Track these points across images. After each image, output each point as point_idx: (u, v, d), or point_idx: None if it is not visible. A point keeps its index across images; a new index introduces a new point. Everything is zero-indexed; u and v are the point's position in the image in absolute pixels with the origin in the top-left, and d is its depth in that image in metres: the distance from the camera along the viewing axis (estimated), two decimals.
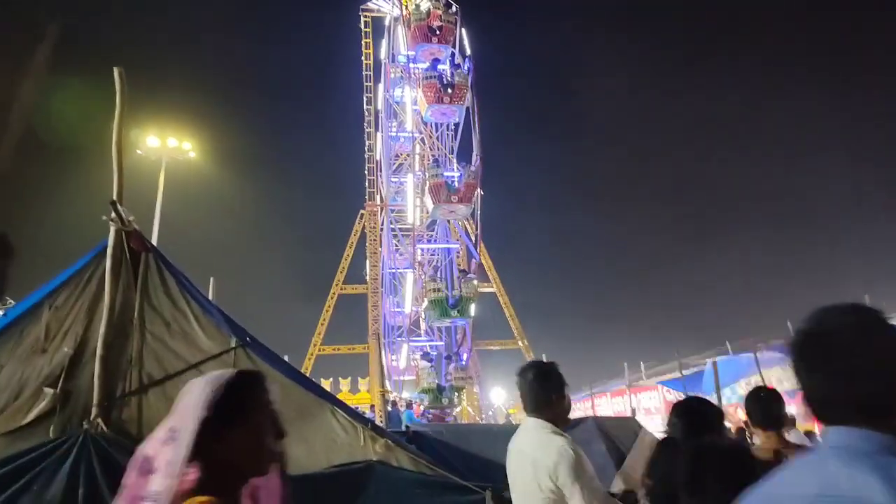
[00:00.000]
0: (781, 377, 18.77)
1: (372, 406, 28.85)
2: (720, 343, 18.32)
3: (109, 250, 4.03)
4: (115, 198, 4.00)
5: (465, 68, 30.59)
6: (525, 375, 3.20)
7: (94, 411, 3.76)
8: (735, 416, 19.70)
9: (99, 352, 3.84)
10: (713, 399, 16.92)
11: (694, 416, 2.90)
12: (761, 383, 16.72)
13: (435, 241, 35.80)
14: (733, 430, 14.01)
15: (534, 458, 2.92)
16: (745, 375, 19.03)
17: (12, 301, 4.98)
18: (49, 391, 3.77)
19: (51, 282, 4.10)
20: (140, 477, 1.54)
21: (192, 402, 1.62)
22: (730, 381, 18.73)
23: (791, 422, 10.45)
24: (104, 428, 3.71)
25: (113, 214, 4.00)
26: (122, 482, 1.57)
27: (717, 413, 3.05)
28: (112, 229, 4.04)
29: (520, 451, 3.12)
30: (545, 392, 3.13)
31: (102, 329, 3.89)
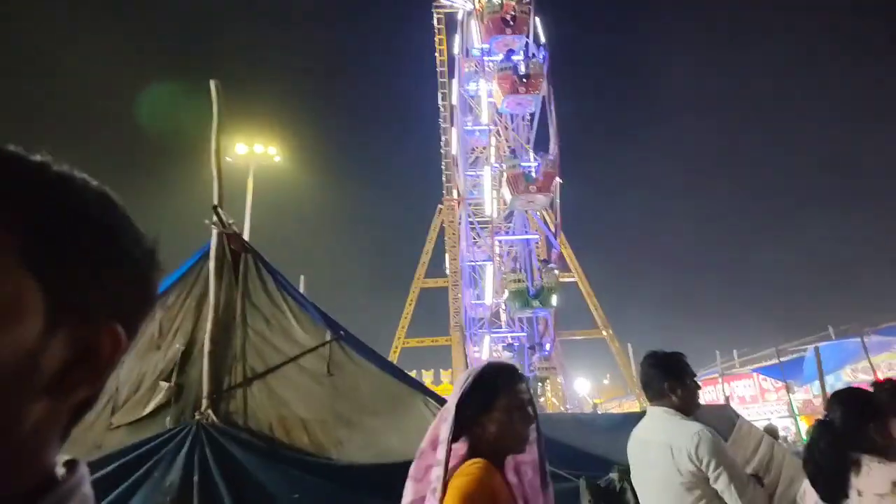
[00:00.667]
0: (892, 362, 17.60)
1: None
2: (822, 329, 17.30)
3: (212, 252, 4.29)
4: (216, 202, 4.25)
5: (541, 57, 30.20)
6: (644, 364, 3.29)
7: (204, 403, 4.02)
8: None
9: (207, 347, 4.10)
10: (816, 387, 16.08)
11: (856, 403, 2.82)
12: (869, 369, 15.71)
13: (513, 232, 35.61)
14: None
15: (670, 443, 2.95)
16: (850, 361, 17.94)
17: None
18: (164, 385, 4.07)
19: (161, 283, 4.40)
20: (430, 449, 1.97)
21: (454, 388, 2.02)
22: (834, 368, 17.70)
23: None
24: (214, 418, 3.95)
25: (215, 218, 4.25)
26: (418, 452, 2.02)
27: (880, 403, 2.95)
28: (214, 232, 4.29)
29: (645, 439, 3.14)
30: (663, 380, 3.17)
31: (209, 326, 4.15)
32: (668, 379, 3.17)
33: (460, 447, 1.92)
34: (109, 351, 0.66)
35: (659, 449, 3.00)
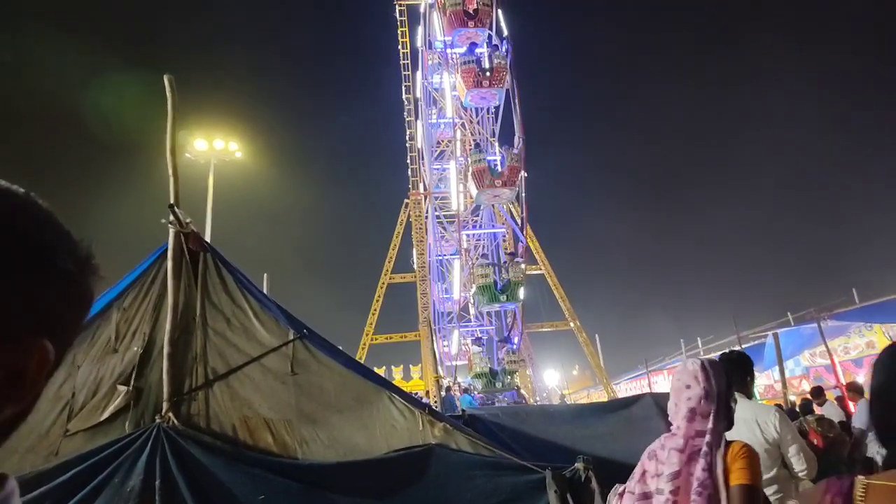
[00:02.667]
0: (848, 346, 18.18)
1: (427, 392, 29.15)
2: (781, 315, 17.77)
3: (170, 252, 4.19)
4: (172, 201, 4.15)
5: (504, 50, 30.25)
6: (727, 360, 4.31)
7: (164, 406, 3.94)
8: (799, 388, 19.20)
9: (166, 349, 4.02)
10: (775, 372, 16.51)
11: None
12: (826, 354, 16.20)
13: (480, 226, 35.72)
14: (797, 402, 13.66)
15: (755, 418, 3.97)
16: (808, 346, 18.47)
17: None
18: (122, 388, 3.97)
19: (117, 284, 4.30)
20: (688, 422, 2.57)
21: (714, 377, 2.63)
22: (793, 353, 18.21)
23: (859, 389, 10.10)
24: (175, 421, 3.88)
25: (171, 217, 4.15)
26: (672, 429, 2.67)
27: None
28: (171, 232, 4.19)
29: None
30: (745, 374, 4.21)
31: (168, 328, 4.06)
32: (748, 373, 4.22)
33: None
34: (36, 369, 0.64)
35: (745, 423, 3.85)
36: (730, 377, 2.71)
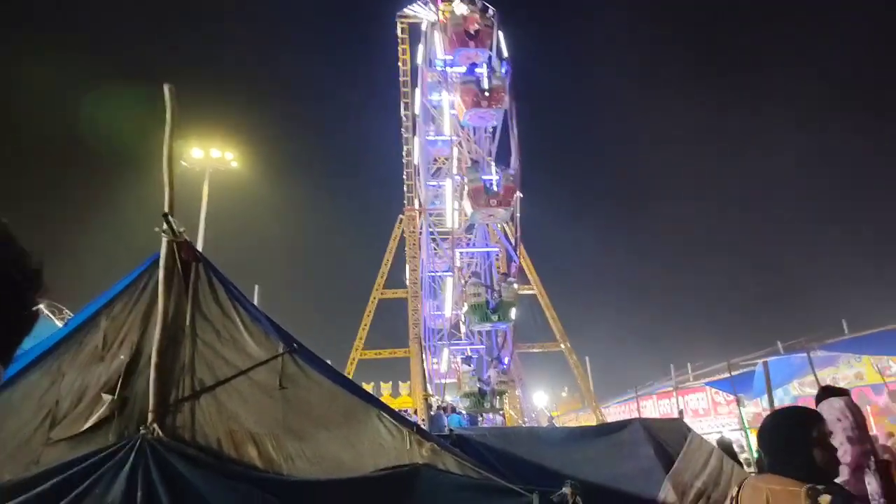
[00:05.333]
0: (836, 377, 18.18)
1: (415, 410, 28.97)
2: (770, 343, 17.78)
3: (162, 261, 4.16)
4: (166, 210, 4.13)
5: (503, 71, 30.48)
6: None
7: (150, 417, 3.88)
8: None
9: (154, 359, 3.97)
10: (764, 400, 16.49)
11: None
12: (815, 384, 16.18)
13: (474, 244, 35.73)
14: None
15: None
16: (798, 376, 18.46)
17: (70, 313, 5.19)
18: (107, 398, 3.92)
19: (107, 292, 4.26)
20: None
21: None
22: (782, 382, 18.18)
23: None
24: (160, 433, 3.83)
25: (165, 226, 4.13)
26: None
27: None
28: (164, 241, 4.17)
29: None
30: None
31: (157, 337, 4.02)
32: None
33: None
34: None
35: None
36: None
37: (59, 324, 4.75)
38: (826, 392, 5.24)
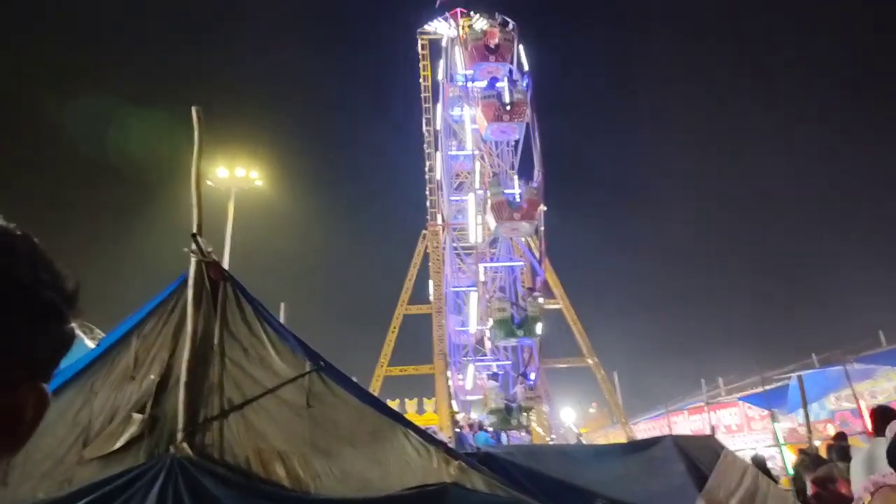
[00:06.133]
0: (874, 390, 17.70)
1: (440, 427, 28.75)
2: (805, 356, 17.36)
3: (191, 281, 4.22)
4: (195, 231, 4.20)
5: (524, 85, 30.56)
6: None
7: (179, 436, 3.91)
8: (824, 432, 18.66)
9: (183, 378, 4.01)
10: (800, 415, 16.09)
11: None
12: (852, 398, 15.76)
13: (498, 259, 35.63)
14: (822, 448, 13.25)
15: None
16: (834, 389, 18.01)
17: (101, 332, 5.27)
18: (138, 417, 3.96)
19: (138, 312, 4.33)
20: None
21: None
22: (818, 396, 17.76)
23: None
24: (189, 452, 3.85)
25: (193, 246, 4.19)
26: None
27: None
28: (193, 260, 4.23)
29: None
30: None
31: (186, 356, 4.06)
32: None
33: None
34: (34, 412, 0.63)
35: None
36: None
37: (91, 343, 4.82)
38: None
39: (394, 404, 34.48)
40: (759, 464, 9.54)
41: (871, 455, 5.26)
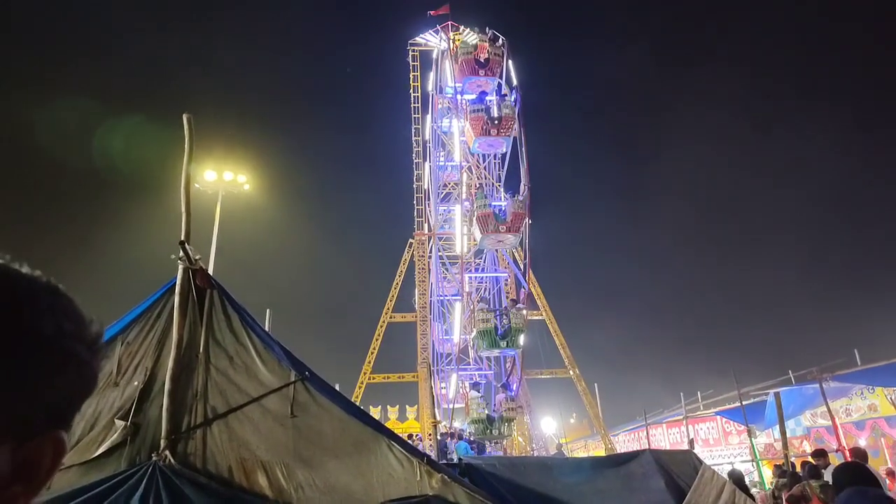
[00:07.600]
0: (849, 408, 17.95)
1: (428, 434, 28.67)
2: (782, 373, 17.60)
3: (178, 288, 4.22)
4: (183, 238, 4.20)
5: (512, 99, 30.77)
6: None
7: (162, 444, 3.91)
8: (800, 448, 18.87)
9: (167, 386, 4.00)
10: (776, 431, 16.26)
11: None
12: (827, 414, 15.95)
13: (483, 269, 35.70)
14: (797, 464, 13.39)
15: None
16: (810, 406, 18.24)
17: None
18: (120, 423, 3.95)
19: (123, 318, 4.31)
20: None
21: None
22: (794, 413, 17.98)
23: (863, 455, 9.89)
24: (171, 460, 3.84)
25: (181, 254, 4.19)
26: None
27: None
28: (180, 268, 4.23)
29: None
30: None
31: (170, 364, 4.05)
32: None
33: None
34: (52, 462, 0.64)
35: None
36: None
37: None
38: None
39: (376, 411, 34.34)
40: (737, 479, 9.62)
41: None
